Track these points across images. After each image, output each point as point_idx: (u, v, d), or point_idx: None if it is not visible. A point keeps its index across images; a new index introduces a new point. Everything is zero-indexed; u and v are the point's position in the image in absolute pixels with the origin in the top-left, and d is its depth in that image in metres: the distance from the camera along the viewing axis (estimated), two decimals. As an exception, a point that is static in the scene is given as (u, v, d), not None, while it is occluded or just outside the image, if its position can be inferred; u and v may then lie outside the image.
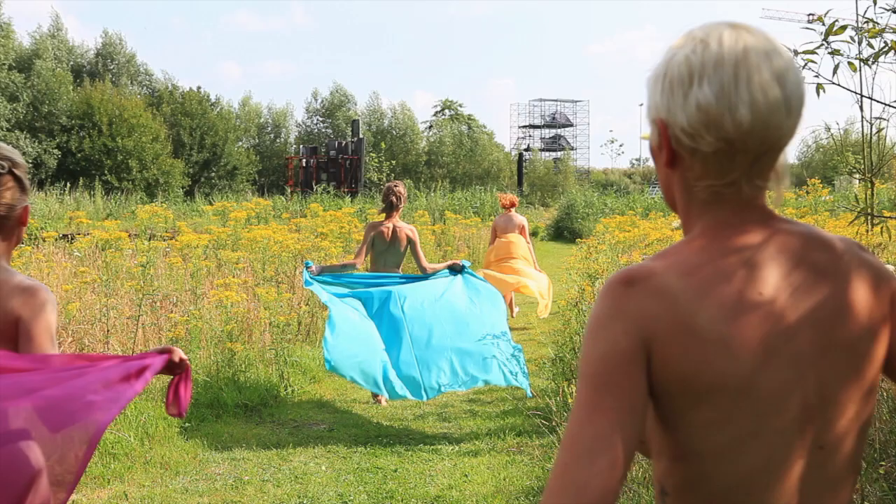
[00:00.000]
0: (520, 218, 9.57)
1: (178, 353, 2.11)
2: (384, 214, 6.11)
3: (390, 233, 6.06)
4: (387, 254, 6.12)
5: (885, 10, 3.10)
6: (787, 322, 1.04)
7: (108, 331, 6.11)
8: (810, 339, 1.05)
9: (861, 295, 1.08)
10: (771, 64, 1.04)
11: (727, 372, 1.02)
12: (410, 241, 6.09)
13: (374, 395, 6.16)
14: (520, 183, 42.15)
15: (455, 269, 6.11)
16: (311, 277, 5.71)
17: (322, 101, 55.06)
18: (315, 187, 30.62)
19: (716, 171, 1.07)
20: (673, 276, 1.04)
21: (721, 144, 1.04)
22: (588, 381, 1.01)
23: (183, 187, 38.70)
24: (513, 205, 9.49)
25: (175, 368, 2.15)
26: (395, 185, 6.14)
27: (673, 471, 1.09)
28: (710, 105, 1.03)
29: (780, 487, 1.06)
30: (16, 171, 2.02)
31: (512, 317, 9.42)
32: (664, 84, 1.07)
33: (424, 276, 6.03)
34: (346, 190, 32.90)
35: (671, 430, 1.07)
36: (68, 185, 28.98)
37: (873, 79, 3.49)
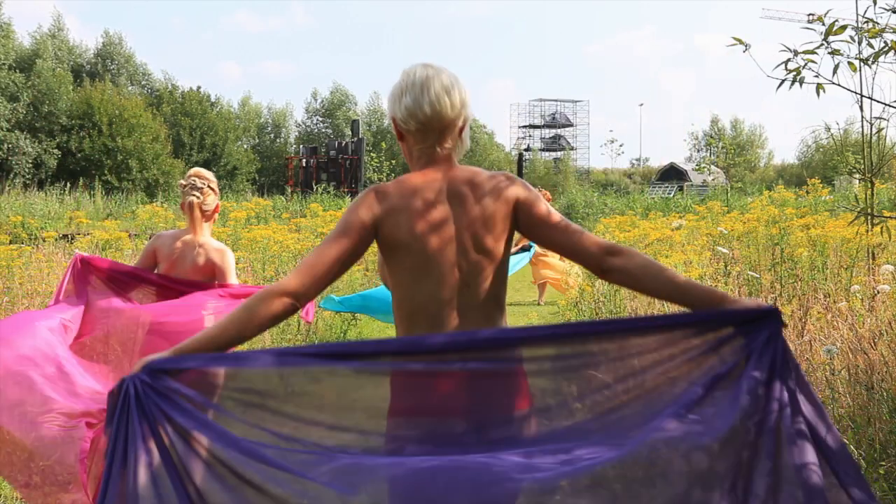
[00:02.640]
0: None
1: None
2: None
3: None
4: None
5: (885, 10, 3.10)
6: (444, 212, 1.91)
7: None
8: (457, 220, 1.91)
9: (489, 199, 1.92)
10: (442, 83, 1.94)
11: (407, 237, 1.89)
12: None
13: None
14: (520, 183, 42.15)
15: (524, 249, 7.36)
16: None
17: (322, 101, 55.06)
18: (315, 187, 30.62)
19: (420, 141, 1.98)
20: (395, 191, 1.93)
21: (419, 126, 1.96)
22: (337, 228, 1.90)
23: (183, 187, 38.68)
24: (548, 199, 10.71)
25: None
26: None
27: (393, 296, 1.97)
28: (410, 106, 1.95)
29: (446, 310, 1.90)
30: (212, 186, 3.60)
31: (540, 303, 10.74)
32: (392, 98, 1.99)
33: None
34: (346, 190, 32.88)
35: (389, 271, 1.96)
36: (68, 185, 28.97)
37: (873, 79, 3.49)
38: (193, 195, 3.54)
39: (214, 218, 3.65)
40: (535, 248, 7.77)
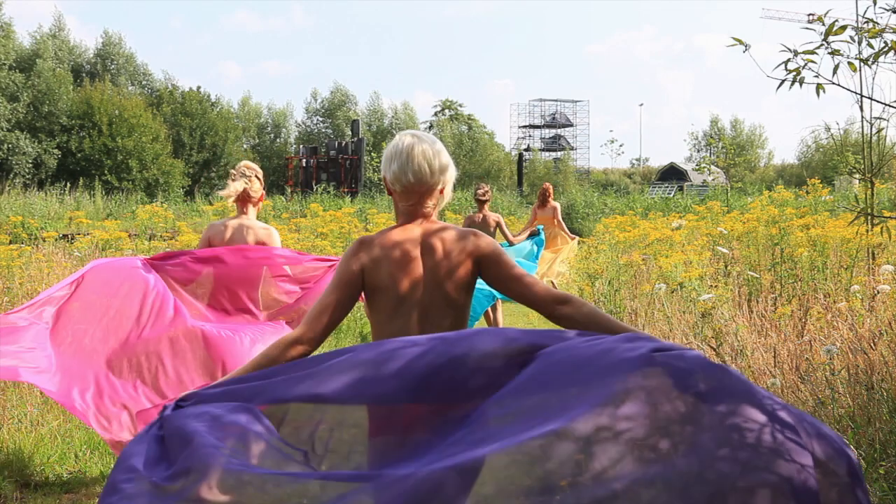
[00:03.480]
0: (554, 203, 11.67)
1: None
2: (477, 208, 8.36)
3: (482, 220, 8.25)
4: None
5: (885, 10, 3.10)
6: (416, 261, 2.26)
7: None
8: (426, 268, 2.26)
9: (455, 253, 2.26)
10: (423, 152, 2.28)
11: (386, 281, 2.24)
12: (498, 224, 8.22)
13: None
14: (520, 183, 42.14)
15: (534, 234, 8.30)
16: None
17: (322, 101, 55.05)
18: (315, 187, 30.61)
19: (404, 200, 2.33)
20: (378, 242, 2.28)
21: (403, 189, 2.31)
22: (335, 279, 2.25)
23: (183, 187, 38.68)
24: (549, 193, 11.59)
25: None
26: (481, 186, 8.39)
27: (372, 329, 2.33)
28: (396, 172, 2.29)
29: None
30: (258, 176, 4.14)
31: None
32: (383, 161, 2.35)
33: (517, 246, 8.24)
34: (346, 190, 32.87)
35: (370, 308, 2.30)
36: (68, 185, 28.99)
37: (873, 79, 3.50)
38: (244, 180, 4.07)
39: (259, 205, 4.17)
40: (543, 232, 8.53)
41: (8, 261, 6.40)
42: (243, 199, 4.09)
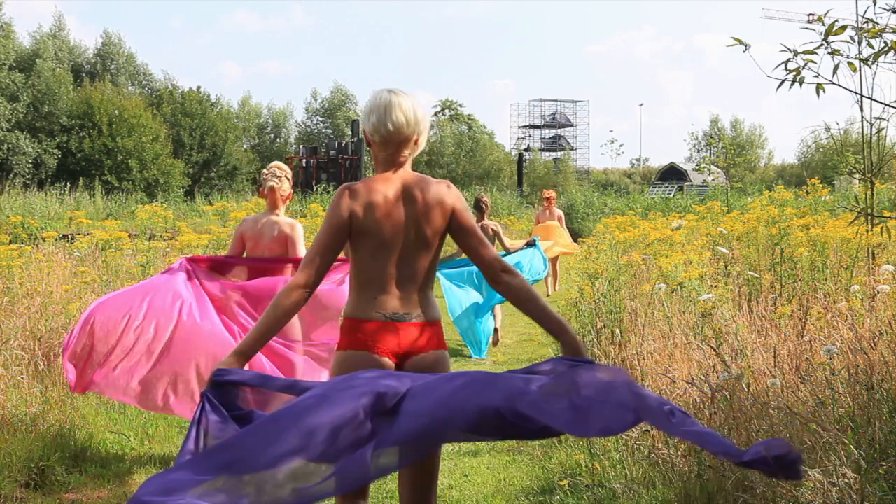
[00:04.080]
0: (558, 211, 12.15)
1: None
2: (477, 216, 8.52)
3: (481, 227, 8.05)
4: None
5: (885, 10, 3.10)
6: (398, 207, 2.53)
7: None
8: (407, 214, 2.53)
9: (433, 201, 2.55)
10: (401, 105, 2.52)
11: (370, 225, 2.50)
12: (496, 233, 8.56)
13: None
14: (520, 183, 42.12)
15: (529, 245, 8.69)
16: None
17: (322, 101, 55.04)
18: (315, 187, 30.60)
19: (383, 149, 2.58)
20: (363, 188, 2.54)
21: (382, 139, 2.56)
22: (325, 225, 2.52)
23: (183, 187, 38.66)
24: (552, 199, 12.03)
25: None
26: (482, 197, 8.90)
27: (352, 268, 2.58)
28: (375, 123, 2.54)
29: (391, 281, 2.53)
30: (287, 176, 4.64)
31: (555, 289, 11.69)
32: (363, 114, 2.60)
33: (513, 252, 8.58)
34: (346, 190, 32.81)
35: (352, 248, 2.55)
36: (68, 185, 28.97)
37: (873, 79, 3.50)
38: (274, 181, 4.59)
39: (287, 202, 4.69)
40: (539, 243, 8.79)
41: (8, 261, 6.40)
42: (274, 198, 4.61)
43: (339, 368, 2.50)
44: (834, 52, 3.12)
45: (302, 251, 4.49)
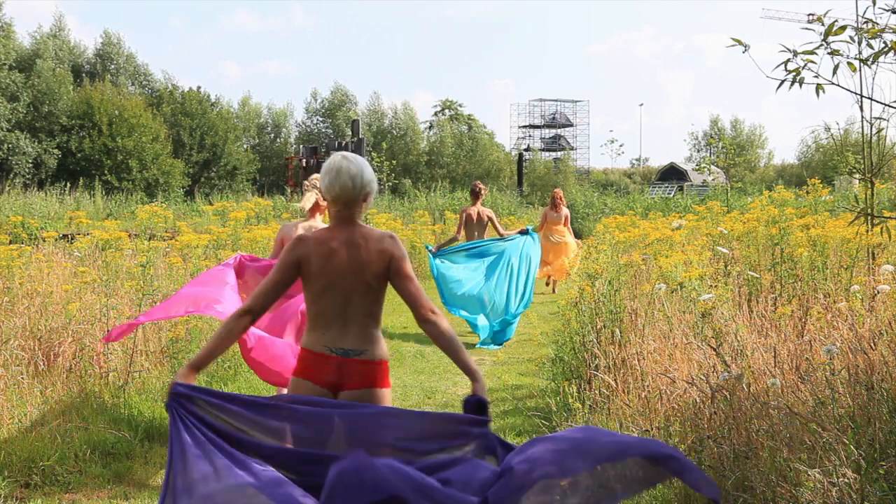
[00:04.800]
0: (565, 210, 12.29)
1: None
2: (471, 201, 9.06)
3: (476, 214, 8.99)
4: (476, 227, 9.20)
5: (885, 10, 3.10)
6: (342, 255, 2.92)
7: (108, 331, 6.10)
8: (350, 261, 2.91)
9: (374, 251, 2.93)
10: (349, 170, 2.93)
11: (317, 270, 2.91)
12: (490, 218, 8.98)
13: None
14: (520, 183, 42.11)
15: (523, 233, 8.96)
16: (434, 255, 8.60)
17: (322, 102, 55.01)
18: (315, 187, 30.53)
19: (335, 206, 2.98)
20: (312, 238, 2.95)
21: (333, 198, 2.96)
22: (278, 265, 2.92)
23: (183, 187, 38.65)
24: (560, 199, 12.11)
25: None
26: (479, 183, 9.15)
27: (305, 304, 3.00)
28: (327, 185, 2.96)
29: (338, 316, 2.93)
30: (319, 188, 5.00)
31: (553, 292, 12.09)
32: (321, 176, 2.99)
33: (507, 238, 8.88)
34: (346, 190, 32.77)
35: (305, 289, 2.96)
36: (68, 185, 28.97)
37: (873, 79, 3.50)
38: (315, 191, 5.16)
39: (325, 212, 5.14)
40: (532, 231, 9.09)
41: (8, 261, 6.40)
42: (313, 207, 5.20)
43: (290, 390, 2.96)
44: (834, 53, 3.12)
45: None
